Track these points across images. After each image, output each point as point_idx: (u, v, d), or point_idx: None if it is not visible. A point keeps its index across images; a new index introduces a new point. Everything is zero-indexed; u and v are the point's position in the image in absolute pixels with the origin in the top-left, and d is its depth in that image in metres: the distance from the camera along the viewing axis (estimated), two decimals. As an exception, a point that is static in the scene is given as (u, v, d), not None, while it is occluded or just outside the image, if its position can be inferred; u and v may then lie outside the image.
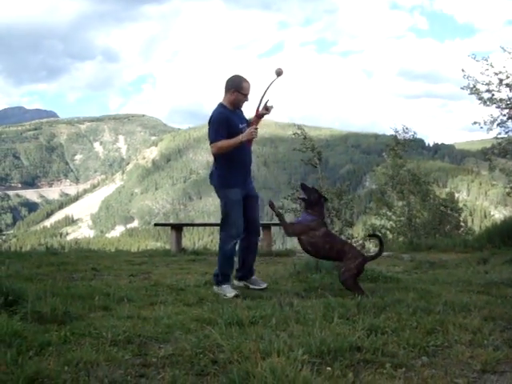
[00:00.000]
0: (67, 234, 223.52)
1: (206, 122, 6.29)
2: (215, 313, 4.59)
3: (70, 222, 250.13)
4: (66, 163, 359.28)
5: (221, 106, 6.30)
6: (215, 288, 6.27)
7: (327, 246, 6.08)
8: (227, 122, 6.12)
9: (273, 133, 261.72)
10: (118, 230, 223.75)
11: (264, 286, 6.50)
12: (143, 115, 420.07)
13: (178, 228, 12.99)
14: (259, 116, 6.39)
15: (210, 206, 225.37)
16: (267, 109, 6.39)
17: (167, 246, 16.44)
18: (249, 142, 6.24)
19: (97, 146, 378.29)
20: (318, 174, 15.51)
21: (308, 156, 15.50)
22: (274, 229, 13.24)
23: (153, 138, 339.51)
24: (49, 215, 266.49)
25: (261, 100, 6.34)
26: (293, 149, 16.70)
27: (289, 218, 15.68)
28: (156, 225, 16.92)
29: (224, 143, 6.07)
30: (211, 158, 6.49)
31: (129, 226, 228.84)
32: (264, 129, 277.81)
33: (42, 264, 9.46)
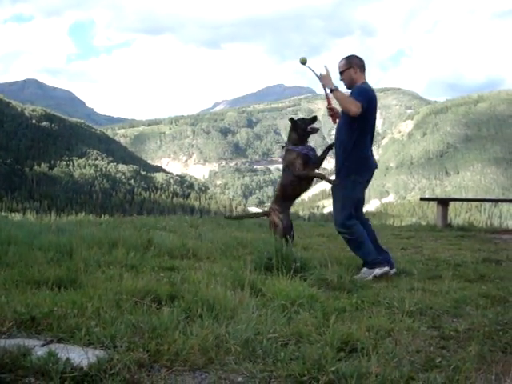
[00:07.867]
0: (324, 206, 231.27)
1: (465, 93, 6.08)
2: (504, 290, 4.43)
3: (327, 195, 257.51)
4: (323, 138, 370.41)
5: None
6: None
7: None
8: None
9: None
10: (372, 205, 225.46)
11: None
12: (399, 89, 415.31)
13: (444, 203, 12.68)
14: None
15: (468, 181, 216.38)
16: None
17: (423, 222, 16.21)
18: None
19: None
20: None
21: None
22: None
23: (408, 111, 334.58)
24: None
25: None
26: None
27: None
28: (422, 199, 16.76)
29: None
30: (471, 132, 6.17)
31: (384, 200, 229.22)
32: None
33: (312, 235, 10.02)
